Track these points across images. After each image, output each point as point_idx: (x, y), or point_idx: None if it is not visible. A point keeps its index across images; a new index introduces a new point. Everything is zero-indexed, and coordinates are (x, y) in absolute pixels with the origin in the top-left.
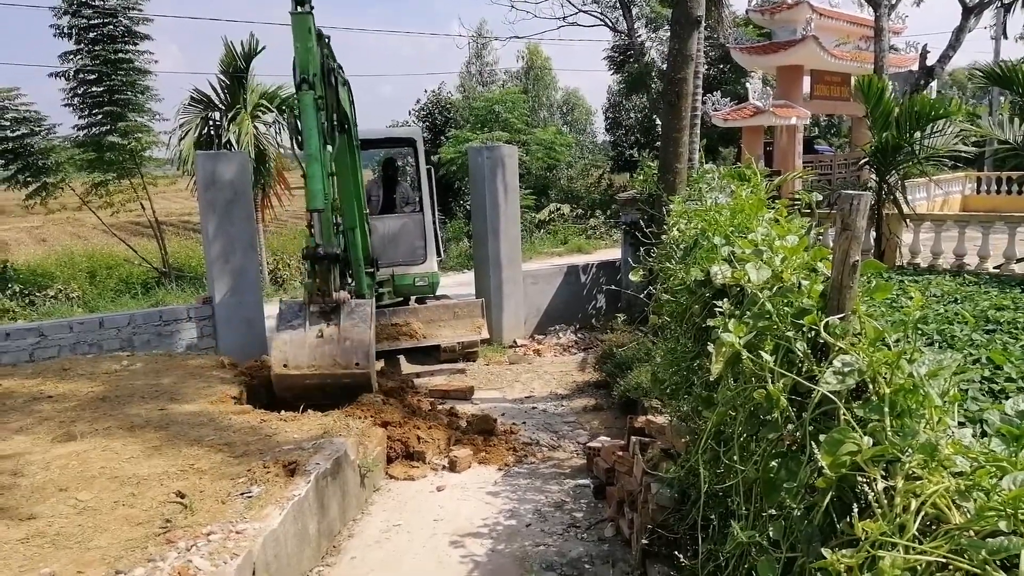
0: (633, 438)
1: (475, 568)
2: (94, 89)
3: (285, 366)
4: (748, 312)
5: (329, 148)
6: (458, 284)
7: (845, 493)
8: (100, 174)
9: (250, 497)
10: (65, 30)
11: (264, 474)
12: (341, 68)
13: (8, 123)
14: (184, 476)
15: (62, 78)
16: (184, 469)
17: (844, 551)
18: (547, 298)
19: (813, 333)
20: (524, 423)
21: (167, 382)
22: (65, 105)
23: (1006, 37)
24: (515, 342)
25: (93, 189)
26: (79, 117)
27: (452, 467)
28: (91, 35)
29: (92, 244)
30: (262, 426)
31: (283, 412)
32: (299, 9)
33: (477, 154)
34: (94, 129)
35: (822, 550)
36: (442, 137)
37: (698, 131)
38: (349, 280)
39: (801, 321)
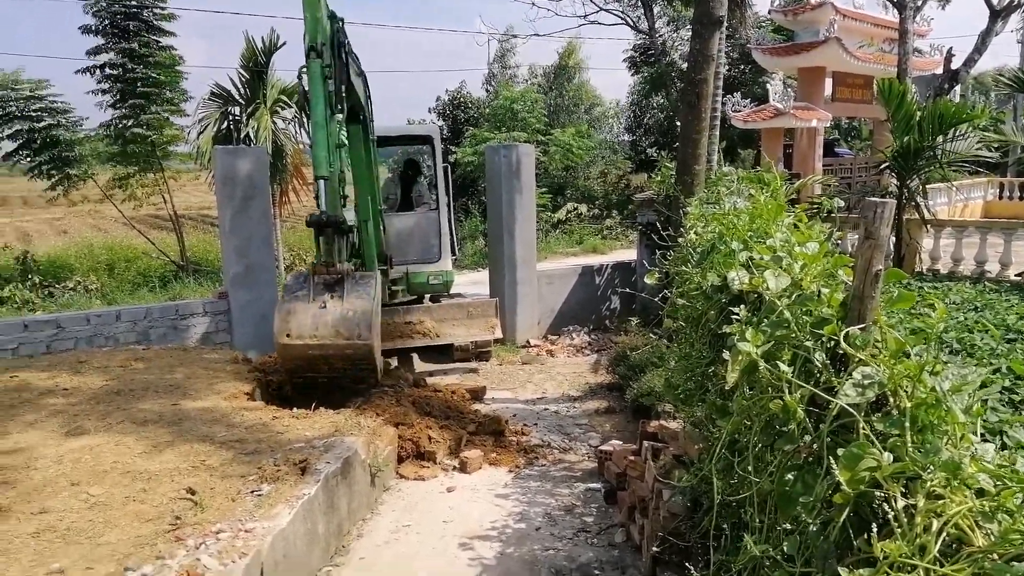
0: (645, 443)
1: (484, 571)
2: (118, 84)
3: (288, 336)
4: (766, 320)
5: (339, 117)
6: (472, 283)
7: (863, 509)
8: (124, 168)
9: (260, 495)
10: (92, 27)
11: (274, 472)
12: (357, 59)
13: (36, 113)
14: (195, 473)
15: (88, 74)
16: (195, 465)
17: (861, 570)
18: (561, 298)
19: (832, 343)
20: (536, 424)
21: (180, 377)
22: (96, 104)
23: None
24: (528, 342)
25: (117, 183)
26: (103, 111)
27: (463, 468)
28: (116, 29)
29: (112, 236)
30: (273, 423)
31: (295, 409)
32: None
33: (494, 153)
34: (119, 123)
35: (838, 568)
36: (462, 137)
37: (717, 132)
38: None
39: (820, 331)
